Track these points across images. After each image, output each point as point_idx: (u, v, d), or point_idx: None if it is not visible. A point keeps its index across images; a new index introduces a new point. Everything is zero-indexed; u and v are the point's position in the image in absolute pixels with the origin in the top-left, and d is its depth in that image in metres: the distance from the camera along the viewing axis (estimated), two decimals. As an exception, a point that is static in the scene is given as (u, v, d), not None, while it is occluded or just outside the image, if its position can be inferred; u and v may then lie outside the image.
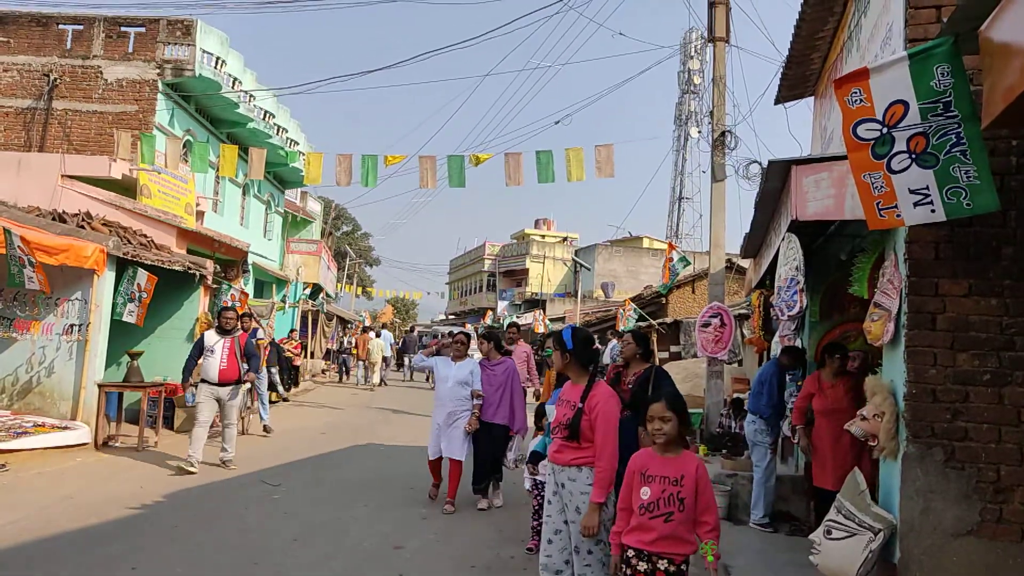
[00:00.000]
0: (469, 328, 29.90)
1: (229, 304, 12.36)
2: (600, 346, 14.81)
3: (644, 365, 6.09)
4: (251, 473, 8.45)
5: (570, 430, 3.95)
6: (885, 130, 3.64)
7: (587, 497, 3.86)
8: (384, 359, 24.41)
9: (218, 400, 8.62)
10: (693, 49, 45.28)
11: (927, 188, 3.63)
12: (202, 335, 8.85)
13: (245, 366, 8.83)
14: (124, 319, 10.48)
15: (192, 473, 8.03)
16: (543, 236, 56.88)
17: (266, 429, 11.83)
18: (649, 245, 48.08)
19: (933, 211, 3.66)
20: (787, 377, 8.30)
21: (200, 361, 8.75)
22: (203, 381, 8.59)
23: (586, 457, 3.92)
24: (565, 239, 55.65)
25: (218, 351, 8.61)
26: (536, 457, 5.46)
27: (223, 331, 8.77)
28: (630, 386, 5.95)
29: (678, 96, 49.46)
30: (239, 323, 9.09)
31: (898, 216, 3.77)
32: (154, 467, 8.54)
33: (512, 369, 7.49)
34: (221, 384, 8.56)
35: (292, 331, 19.30)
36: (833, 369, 6.07)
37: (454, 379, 7.22)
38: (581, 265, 36.35)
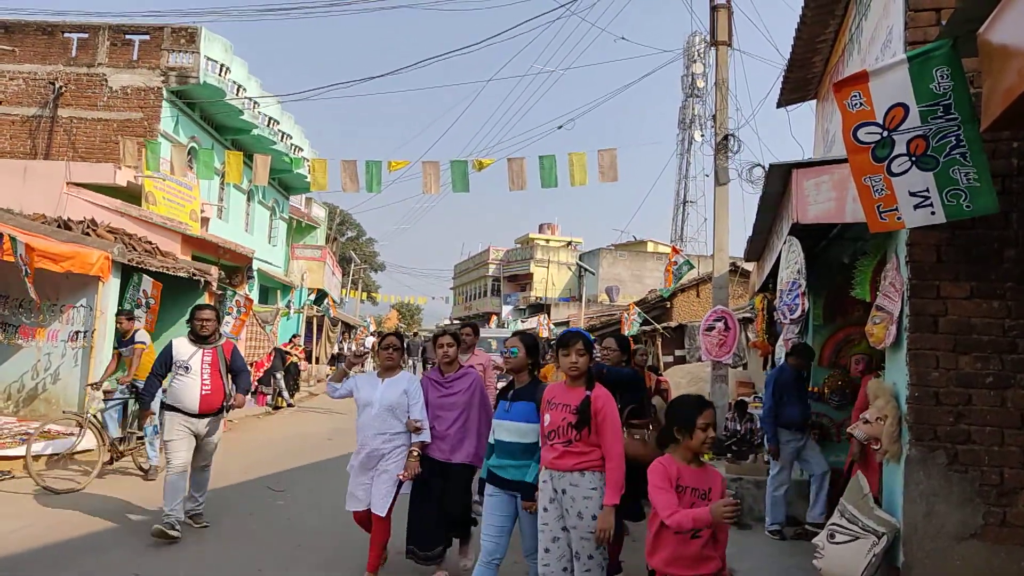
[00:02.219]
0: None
1: (207, 303, 9.63)
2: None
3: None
4: (256, 479, 8.46)
5: (576, 432, 3.81)
6: (885, 133, 3.65)
7: (589, 502, 3.78)
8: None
9: (195, 436, 6.16)
10: (696, 53, 45.30)
11: (927, 190, 3.63)
12: (169, 343, 6.34)
13: (232, 386, 6.44)
14: (132, 325, 10.52)
15: (174, 539, 5.79)
16: (547, 241, 56.88)
17: (146, 473, 8.28)
18: (654, 249, 48.06)
19: (933, 213, 3.66)
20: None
21: (168, 382, 6.28)
22: (173, 409, 6.08)
23: (589, 461, 3.81)
24: (569, 243, 55.62)
25: (195, 368, 6.13)
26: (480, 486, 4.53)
27: (199, 339, 6.29)
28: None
29: (682, 100, 49.48)
30: (211, 326, 6.36)
31: (899, 219, 3.77)
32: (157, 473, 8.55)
33: (477, 384, 5.28)
34: (201, 415, 6.12)
35: (295, 336, 19.30)
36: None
37: (380, 404, 5.07)
38: (585, 269, 36.38)
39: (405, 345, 5.68)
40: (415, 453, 5.01)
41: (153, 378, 6.35)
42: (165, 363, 6.22)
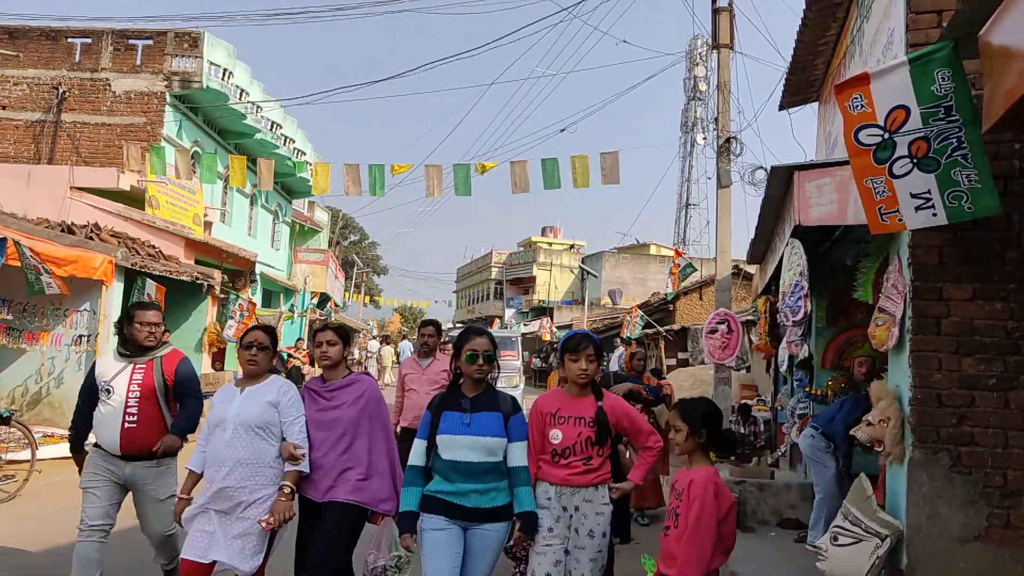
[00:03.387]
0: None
1: (149, 301, 8.44)
2: (607, 353, 14.80)
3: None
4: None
5: (598, 448, 3.52)
6: (886, 135, 3.65)
7: (601, 519, 3.53)
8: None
9: (124, 486, 4.42)
10: (698, 56, 45.32)
11: (928, 192, 3.63)
12: (93, 362, 4.66)
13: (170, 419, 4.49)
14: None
15: None
16: (550, 244, 56.90)
17: None
18: (656, 252, 48.05)
19: (935, 215, 3.67)
20: (795, 383, 8.29)
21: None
22: (96, 446, 4.43)
23: (602, 475, 3.57)
24: (572, 246, 55.63)
25: (119, 390, 4.36)
26: (409, 522, 3.42)
27: (133, 349, 4.45)
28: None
29: (684, 103, 49.51)
30: (158, 334, 4.55)
31: (900, 220, 3.77)
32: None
33: (370, 395, 3.96)
34: (125, 457, 4.35)
35: (299, 340, 19.32)
36: None
37: (236, 423, 3.71)
38: (588, 272, 36.38)
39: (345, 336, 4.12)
40: (287, 490, 3.62)
41: (79, 415, 4.49)
42: (90, 390, 4.43)
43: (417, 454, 3.47)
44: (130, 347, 4.48)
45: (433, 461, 3.45)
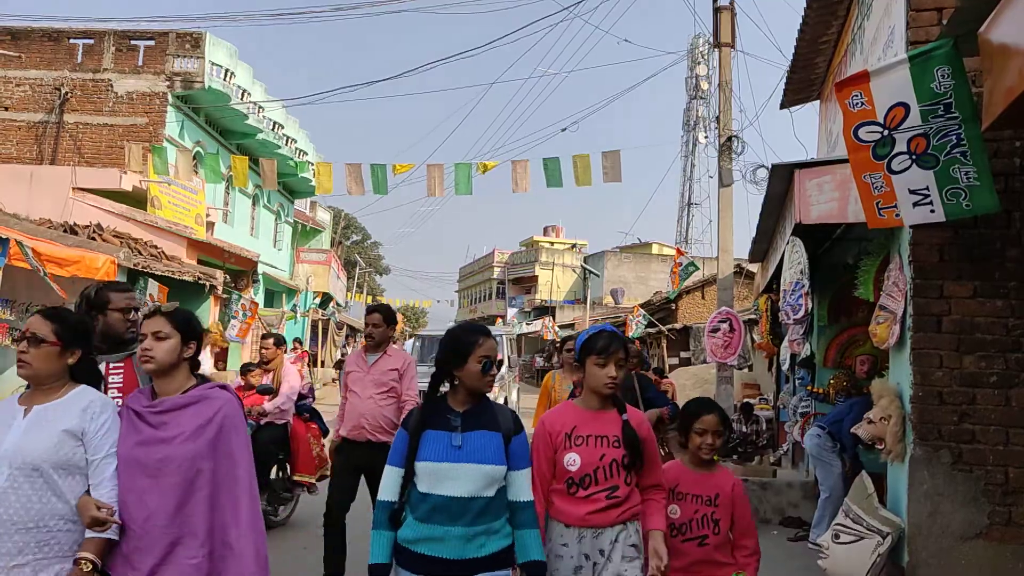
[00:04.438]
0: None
1: (117, 281, 7.55)
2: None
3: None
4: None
5: (628, 473, 2.83)
6: (886, 132, 3.65)
7: (631, 567, 2.81)
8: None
9: None
10: (700, 55, 45.31)
11: (927, 189, 3.64)
12: None
13: None
14: (138, 329, 10.59)
15: None
16: (552, 243, 56.93)
17: None
18: (659, 251, 48.04)
19: (932, 211, 3.67)
20: (797, 381, 8.30)
21: None
22: None
23: (632, 508, 2.85)
24: (574, 246, 55.64)
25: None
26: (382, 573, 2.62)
27: (107, 343, 3.41)
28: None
29: (686, 102, 49.50)
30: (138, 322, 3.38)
31: (897, 216, 3.77)
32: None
33: (224, 421, 2.59)
34: None
35: (296, 340, 19.23)
36: None
37: (11, 462, 2.38)
38: (590, 272, 36.41)
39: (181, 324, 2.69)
40: (86, 567, 2.32)
41: None
42: None
43: (389, 486, 2.61)
44: (101, 341, 3.42)
45: (409, 496, 2.60)
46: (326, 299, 27.83)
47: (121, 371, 3.46)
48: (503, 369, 15.68)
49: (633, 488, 2.86)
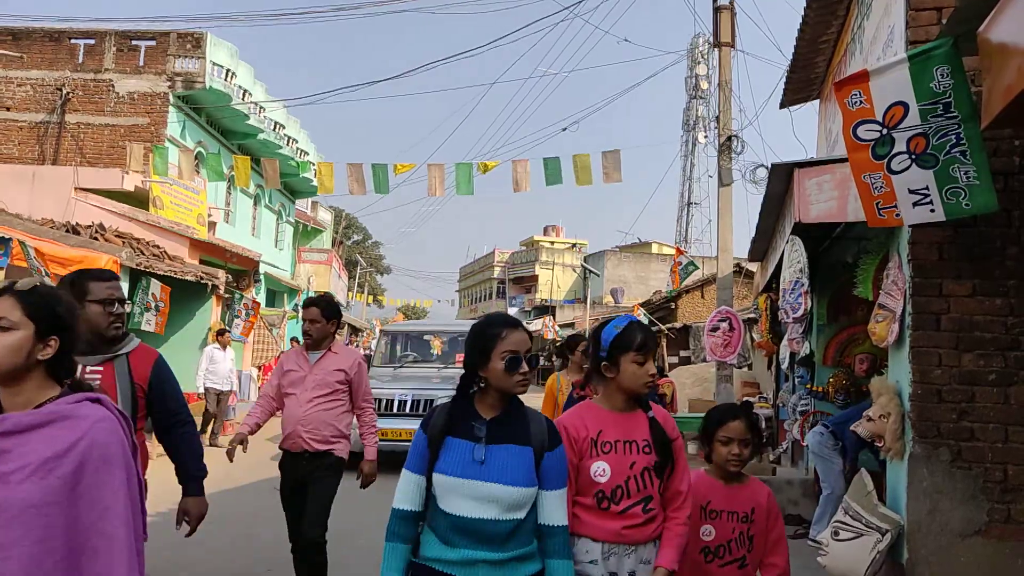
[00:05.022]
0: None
1: (104, 268, 5.42)
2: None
3: None
4: (262, 480, 8.51)
5: (659, 480, 2.52)
6: (885, 131, 3.67)
7: None
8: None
9: None
10: (700, 55, 45.32)
11: (927, 188, 3.65)
12: None
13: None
14: (143, 328, 10.64)
15: None
16: (552, 243, 56.94)
17: None
18: (658, 251, 48.05)
19: (932, 211, 3.69)
20: (796, 380, 8.31)
21: None
22: None
23: (662, 521, 2.57)
24: (574, 245, 55.67)
25: None
26: None
27: (100, 341, 3.01)
28: None
29: (685, 101, 49.50)
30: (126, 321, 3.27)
31: (897, 215, 3.79)
32: (163, 476, 8.59)
33: (87, 453, 1.72)
34: None
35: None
36: None
37: None
38: (590, 271, 36.42)
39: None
40: None
41: None
42: None
43: (409, 493, 2.30)
44: (100, 337, 2.95)
45: (428, 510, 2.30)
46: (327, 299, 27.80)
47: (100, 373, 2.91)
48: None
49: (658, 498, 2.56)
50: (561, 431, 2.47)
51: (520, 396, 2.34)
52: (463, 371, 2.37)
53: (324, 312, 4.50)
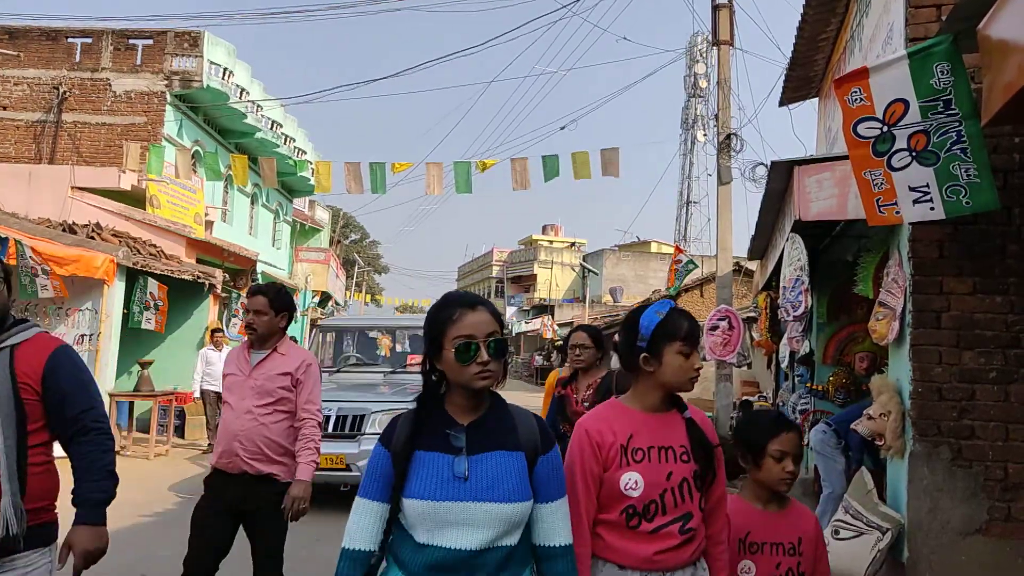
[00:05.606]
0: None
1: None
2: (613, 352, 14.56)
3: (600, 371, 4.51)
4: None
5: (700, 493, 2.15)
6: (885, 128, 3.66)
7: None
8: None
9: None
10: (699, 53, 45.31)
11: (927, 186, 3.64)
12: None
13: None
14: (143, 326, 10.64)
15: None
16: (551, 242, 56.95)
17: None
18: (657, 249, 48.06)
19: (932, 209, 3.67)
20: (796, 379, 8.30)
21: None
22: None
23: (702, 540, 2.18)
24: (573, 244, 55.67)
25: None
26: None
27: None
28: (587, 405, 4.31)
29: (684, 100, 49.48)
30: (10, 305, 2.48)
31: (897, 213, 3.78)
32: (165, 476, 8.58)
33: None
34: None
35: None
36: None
37: None
38: (589, 270, 36.43)
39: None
40: None
41: None
42: None
43: (365, 528, 1.86)
44: None
45: (395, 545, 1.88)
46: (325, 298, 27.80)
47: None
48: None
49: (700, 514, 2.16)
50: (582, 436, 2.13)
51: (502, 393, 2.00)
52: (423, 371, 1.98)
53: (273, 303, 3.74)
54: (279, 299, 3.78)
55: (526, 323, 40.88)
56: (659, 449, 2.12)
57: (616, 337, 2.36)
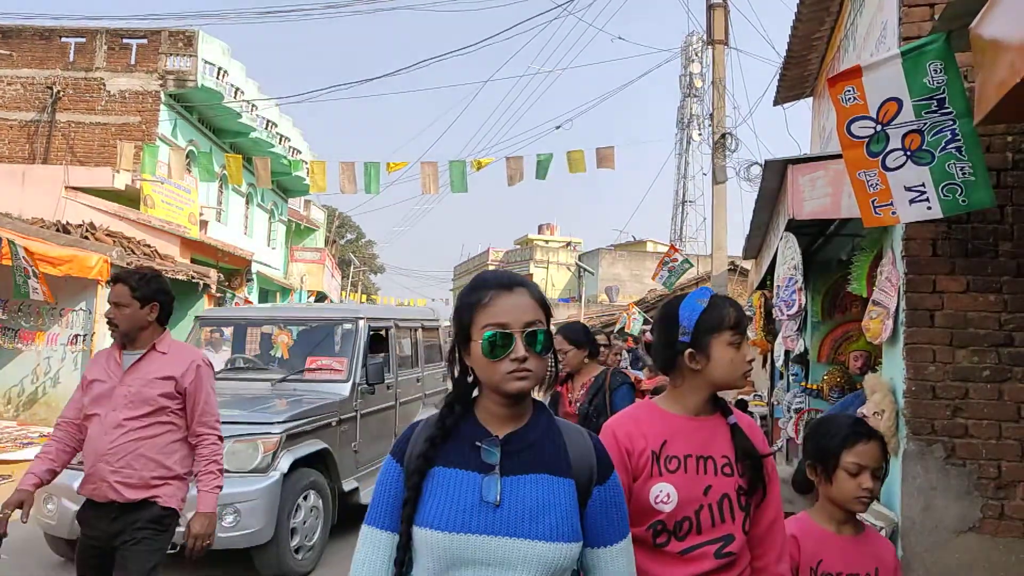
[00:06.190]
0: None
1: None
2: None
3: (595, 369, 4.31)
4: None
5: (744, 512, 1.84)
6: (879, 128, 3.66)
7: None
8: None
9: None
10: (693, 52, 45.34)
11: (923, 185, 3.64)
12: None
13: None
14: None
15: None
16: (547, 241, 56.97)
17: None
18: (653, 249, 48.09)
19: (929, 208, 3.67)
20: (791, 378, 8.30)
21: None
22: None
23: (746, 565, 1.87)
24: (569, 244, 55.70)
25: None
26: None
27: None
28: (581, 406, 4.17)
29: (680, 99, 49.51)
30: None
31: (893, 214, 3.78)
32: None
33: None
34: None
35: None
36: None
37: None
38: (585, 270, 36.43)
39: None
40: None
41: None
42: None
43: (374, 563, 1.51)
44: None
45: None
46: (320, 298, 27.72)
47: None
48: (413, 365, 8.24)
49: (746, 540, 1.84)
50: (608, 440, 1.80)
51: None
52: (449, 368, 1.62)
53: (136, 291, 3.02)
54: (144, 287, 3.07)
55: (522, 323, 40.81)
56: (697, 459, 1.81)
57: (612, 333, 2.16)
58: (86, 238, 11.29)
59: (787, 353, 8.11)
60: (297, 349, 7.01)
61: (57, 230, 11.42)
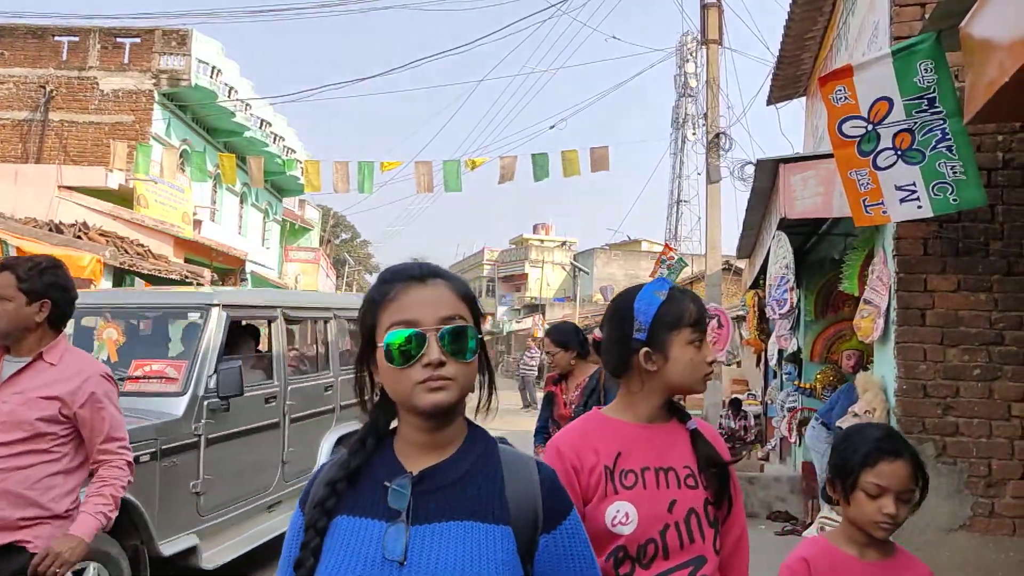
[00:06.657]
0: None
1: None
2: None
3: (589, 368, 4.14)
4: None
5: (712, 527, 1.62)
6: (870, 127, 3.67)
7: None
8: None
9: None
10: (688, 52, 45.39)
11: (913, 184, 3.65)
12: None
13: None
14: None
15: None
16: (542, 241, 56.94)
17: None
18: (648, 249, 48.13)
19: (920, 207, 3.68)
20: (785, 377, 8.33)
21: None
22: None
23: None
24: (564, 244, 55.70)
25: None
26: None
27: None
28: (576, 407, 4.03)
29: (674, 99, 49.58)
30: None
31: (884, 212, 3.79)
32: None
33: None
34: None
35: None
36: None
37: None
38: (580, 269, 36.45)
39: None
40: None
41: None
42: None
43: None
44: None
45: None
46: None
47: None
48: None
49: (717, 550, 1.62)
50: (552, 458, 1.59)
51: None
52: (356, 388, 1.26)
53: (23, 283, 2.44)
54: (34, 278, 2.45)
55: (517, 322, 40.89)
56: (656, 471, 1.58)
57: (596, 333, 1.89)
58: (79, 238, 11.26)
59: (780, 352, 8.14)
60: (129, 349, 4.97)
61: (50, 230, 11.38)
